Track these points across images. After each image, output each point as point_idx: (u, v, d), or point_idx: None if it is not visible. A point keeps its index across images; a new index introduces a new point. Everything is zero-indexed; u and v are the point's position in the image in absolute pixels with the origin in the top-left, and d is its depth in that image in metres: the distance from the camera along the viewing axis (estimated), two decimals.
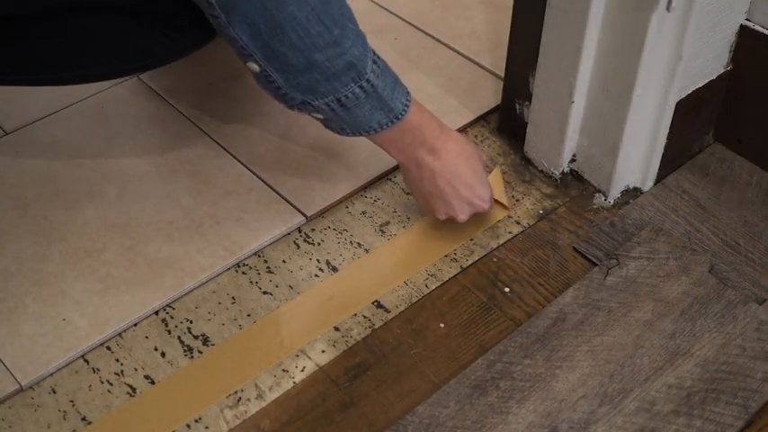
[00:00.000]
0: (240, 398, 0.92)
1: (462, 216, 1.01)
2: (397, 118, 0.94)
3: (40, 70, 0.98)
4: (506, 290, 1.03)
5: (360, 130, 0.94)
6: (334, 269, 1.05)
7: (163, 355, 0.96)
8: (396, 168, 1.16)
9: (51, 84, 1.07)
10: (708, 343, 0.96)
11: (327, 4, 0.83)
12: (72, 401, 0.92)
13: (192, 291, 1.02)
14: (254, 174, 1.14)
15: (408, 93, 0.95)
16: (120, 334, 0.98)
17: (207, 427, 0.90)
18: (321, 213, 1.11)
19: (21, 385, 0.92)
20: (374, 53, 0.90)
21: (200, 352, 0.96)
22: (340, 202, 1.12)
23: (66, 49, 0.95)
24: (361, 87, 0.89)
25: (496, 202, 1.08)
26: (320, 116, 0.93)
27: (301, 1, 0.81)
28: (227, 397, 0.92)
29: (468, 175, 1.00)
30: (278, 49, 0.84)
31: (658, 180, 1.14)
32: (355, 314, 1.00)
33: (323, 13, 0.83)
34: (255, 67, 0.87)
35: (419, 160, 0.98)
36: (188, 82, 1.27)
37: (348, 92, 0.89)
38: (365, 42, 0.89)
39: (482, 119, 1.24)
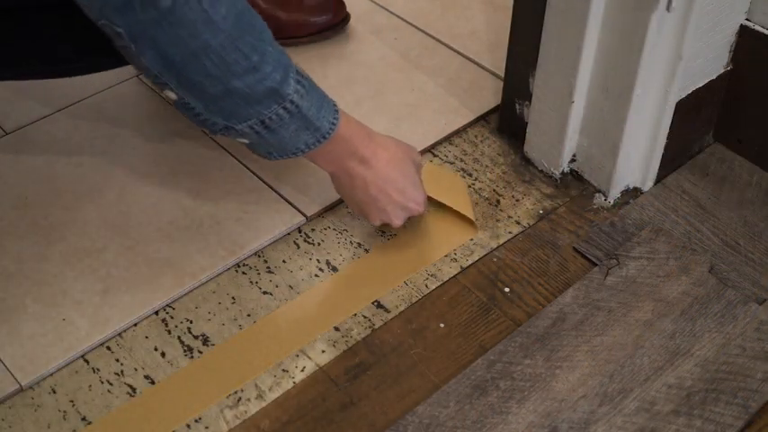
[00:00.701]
0: (240, 398, 0.92)
1: (397, 221, 1.00)
2: (324, 137, 0.91)
3: (38, 63, 0.97)
4: (506, 290, 1.03)
5: (287, 152, 0.92)
6: (334, 269, 1.05)
7: (163, 355, 0.96)
8: None
9: (51, 76, 1.06)
10: (708, 343, 0.96)
11: (244, 31, 0.80)
12: (72, 401, 0.92)
13: (192, 291, 1.02)
14: (254, 174, 1.14)
15: (336, 109, 0.92)
16: (120, 334, 0.98)
17: (207, 427, 0.90)
18: (321, 213, 1.11)
19: (21, 385, 0.92)
20: (298, 72, 0.87)
21: (200, 352, 0.96)
22: (340, 202, 1.12)
23: (65, 40, 0.94)
24: (284, 108, 0.86)
25: (465, 218, 1.08)
26: (245, 140, 0.90)
27: (216, 29, 0.78)
28: (227, 397, 0.92)
29: (400, 181, 0.98)
30: (193, 77, 0.81)
31: (658, 180, 1.14)
32: (355, 314, 1.00)
33: (239, 40, 0.80)
34: (172, 95, 0.84)
35: (350, 170, 0.96)
36: None
37: (272, 114, 0.86)
38: (288, 64, 0.86)
39: (482, 119, 1.24)
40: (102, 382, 0.93)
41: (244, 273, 1.04)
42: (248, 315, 1.00)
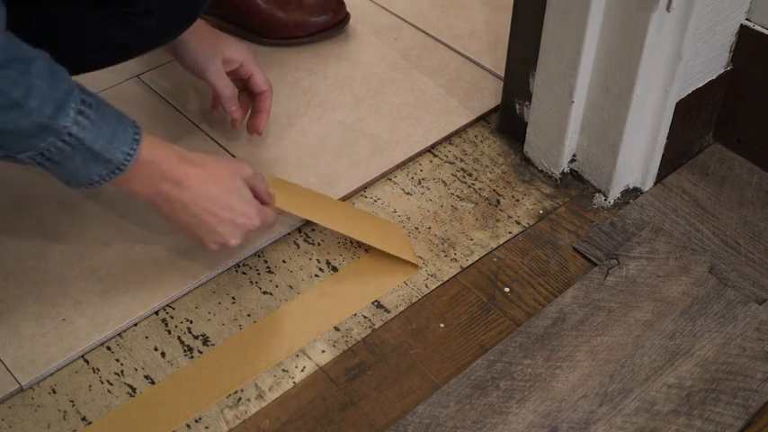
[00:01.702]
0: (240, 398, 0.92)
1: (233, 240, 0.94)
2: (119, 169, 0.85)
3: None
4: (506, 290, 1.03)
5: (81, 183, 0.86)
6: (335, 269, 1.05)
7: (163, 355, 0.96)
8: (396, 168, 1.16)
9: None
10: (708, 343, 0.96)
11: (5, 68, 0.75)
12: (72, 401, 0.92)
13: (192, 291, 1.02)
14: None
15: (136, 138, 0.85)
16: (120, 334, 0.98)
17: (207, 427, 0.90)
18: None
19: (21, 385, 0.92)
20: (84, 102, 0.81)
21: (200, 352, 0.96)
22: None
23: (32, 42, 0.92)
24: (63, 141, 0.80)
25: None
26: (40, 168, 0.85)
27: None
28: (227, 397, 0.92)
29: (224, 198, 0.92)
30: None
31: (658, 180, 1.14)
32: (355, 314, 1.00)
33: None
34: None
35: (164, 195, 0.90)
36: (188, 82, 1.27)
37: (49, 146, 0.81)
38: (63, 96, 0.79)
39: (482, 119, 1.24)
40: (102, 382, 0.93)
41: (244, 273, 1.04)
42: (248, 315, 1.00)
